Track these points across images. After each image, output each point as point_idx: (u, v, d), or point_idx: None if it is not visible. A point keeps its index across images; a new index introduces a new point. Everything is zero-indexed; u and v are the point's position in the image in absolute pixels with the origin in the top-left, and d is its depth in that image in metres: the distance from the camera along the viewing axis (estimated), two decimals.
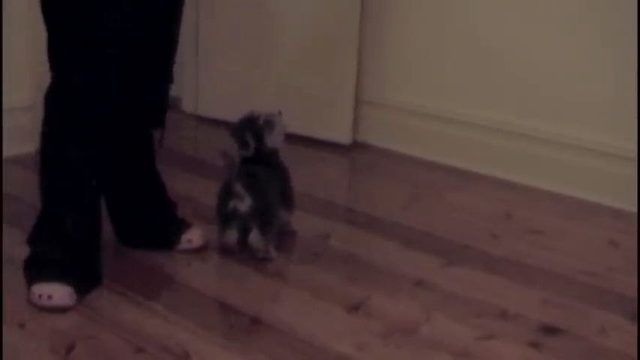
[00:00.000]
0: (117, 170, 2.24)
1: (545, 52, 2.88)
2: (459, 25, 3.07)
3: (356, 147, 3.34)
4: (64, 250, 2.04)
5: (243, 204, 2.20)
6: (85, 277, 2.05)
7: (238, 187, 2.20)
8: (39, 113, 2.12)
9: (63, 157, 2.05)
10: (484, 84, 3.04)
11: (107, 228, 2.27)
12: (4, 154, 2.88)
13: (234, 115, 3.50)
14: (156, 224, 2.31)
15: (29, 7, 2.44)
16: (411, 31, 3.21)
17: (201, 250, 2.30)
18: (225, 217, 2.24)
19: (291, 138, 3.36)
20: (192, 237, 2.30)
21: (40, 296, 1.97)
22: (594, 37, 2.77)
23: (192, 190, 2.77)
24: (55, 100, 2.06)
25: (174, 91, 2.30)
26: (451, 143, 3.14)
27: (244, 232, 2.23)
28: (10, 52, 2.81)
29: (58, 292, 1.97)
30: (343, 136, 3.33)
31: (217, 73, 3.57)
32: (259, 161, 2.34)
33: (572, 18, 2.81)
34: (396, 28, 3.24)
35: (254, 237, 2.22)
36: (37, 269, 2.04)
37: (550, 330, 1.98)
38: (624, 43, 2.67)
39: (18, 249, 2.14)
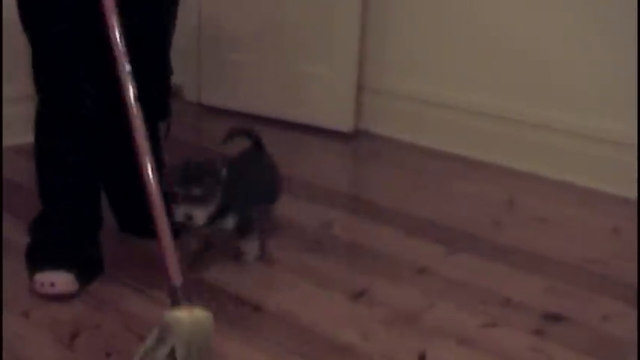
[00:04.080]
0: (118, 160, 2.24)
1: (549, 39, 2.87)
2: (463, 12, 3.06)
3: (358, 135, 3.33)
4: (62, 239, 2.05)
5: None
6: (86, 265, 2.05)
7: None
8: None
9: (54, 144, 2.05)
10: (488, 71, 3.03)
11: (110, 216, 2.27)
12: (9, 143, 2.88)
13: (235, 103, 3.52)
14: None
15: None
16: (413, 17, 3.20)
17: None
18: None
19: (293, 126, 3.37)
20: None
21: (42, 284, 1.97)
22: (598, 24, 2.76)
23: None
24: (34, 73, 2.04)
25: (176, 79, 2.29)
26: (454, 131, 3.13)
27: None
28: (15, 39, 2.80)
29: (60, 280, 1.97)
30: (345, 124, 3.32)
31: (219, 61, 3.56)
32: None
33: (577, 3, 2.80)
34: (399, 14, 3.23)
35: None
36: (37, 258, 2.04)
37: (554, 317, 1.98)
38: (628, 30, 2.66)
39: (21, 238, 2.14)
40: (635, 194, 2.66)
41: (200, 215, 2.02)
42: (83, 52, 2.00)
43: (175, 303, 1.63)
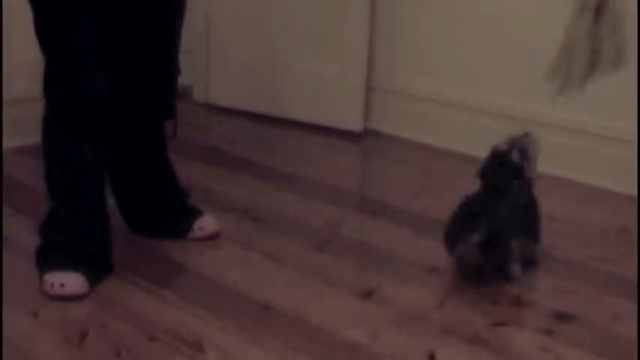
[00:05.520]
0: (126, 160, 2.24)
1: (553, 40, 2.86)
2: (472, 12, 3.05)
3: (367, 134, 3.33)
4: (71, 239, 2.05)
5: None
6: (95, 265, 2.05)
7: None
8: None
9: (61, 146, 2.06)
10: (495, 71, 3.03)
11: (119, 216, 2.28)
12: (15, 143, 2.88)
13: (244, 103, 3.53)
14: (167, 212, 2.31)
15: None
16: (422, 17, 3.20)
17: (213, 238, 2.31)
18: None
19: (302, 126, 3.37)
20: (204, 224, 2.30)
21: (52, 285, 1.98)
22: None
23: (203, 178, 2.77)
24: (47, 84, 2.04)
25: (185, 80, 2.29)
26: (463, 130, 3.13)
27: None
28: (15, 41, 2.80)
29: (70, 281, 1.98)
30: (354, 124, 3.32)
31: (228, 61, 3.56)
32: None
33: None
34: (408, 13, 3.23)
35: None
36: (48, 258, 2.04)
37: (563, 317, 1.97)
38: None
39: (29, 237, 2.14)
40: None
41: None
42: (100, 57, 2.00)
43: None
